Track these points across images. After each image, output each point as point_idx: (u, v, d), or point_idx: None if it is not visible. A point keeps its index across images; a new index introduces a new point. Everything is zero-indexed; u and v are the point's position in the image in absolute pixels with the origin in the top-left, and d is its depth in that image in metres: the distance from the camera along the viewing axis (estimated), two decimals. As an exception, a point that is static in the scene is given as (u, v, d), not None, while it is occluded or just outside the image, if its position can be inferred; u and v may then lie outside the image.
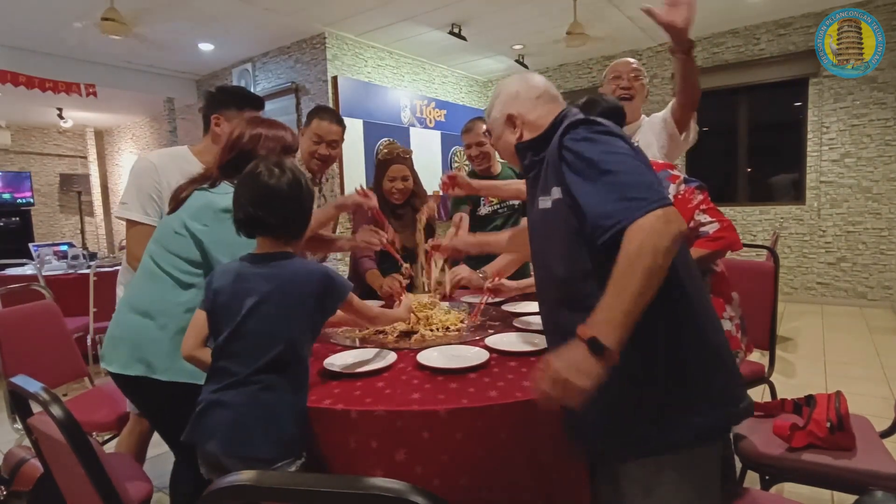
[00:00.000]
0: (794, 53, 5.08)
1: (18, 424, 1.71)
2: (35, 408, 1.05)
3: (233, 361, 1.06)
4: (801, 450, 1.39)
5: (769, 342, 2.08)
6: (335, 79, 5.10)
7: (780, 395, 1.76)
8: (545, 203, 1.03)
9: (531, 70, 6.54)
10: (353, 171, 5.20)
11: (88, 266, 3.62)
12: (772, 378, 2.08)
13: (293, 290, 1.09)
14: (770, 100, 5.48)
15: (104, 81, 5.62)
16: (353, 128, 5.10)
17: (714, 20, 5.17)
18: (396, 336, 1.58)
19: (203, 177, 1.34)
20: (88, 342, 3.37)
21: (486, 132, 2.19)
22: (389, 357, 1.34)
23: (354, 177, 5.17)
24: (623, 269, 0.82)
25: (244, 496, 0.59)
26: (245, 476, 0.59)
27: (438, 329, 1.61)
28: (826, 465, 1.35)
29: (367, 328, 1.62)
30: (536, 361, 1.29)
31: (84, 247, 7.07)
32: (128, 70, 5.81)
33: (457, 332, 1.59)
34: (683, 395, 0.92)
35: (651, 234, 0.82)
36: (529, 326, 1.56)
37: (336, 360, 1.32)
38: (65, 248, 4.43)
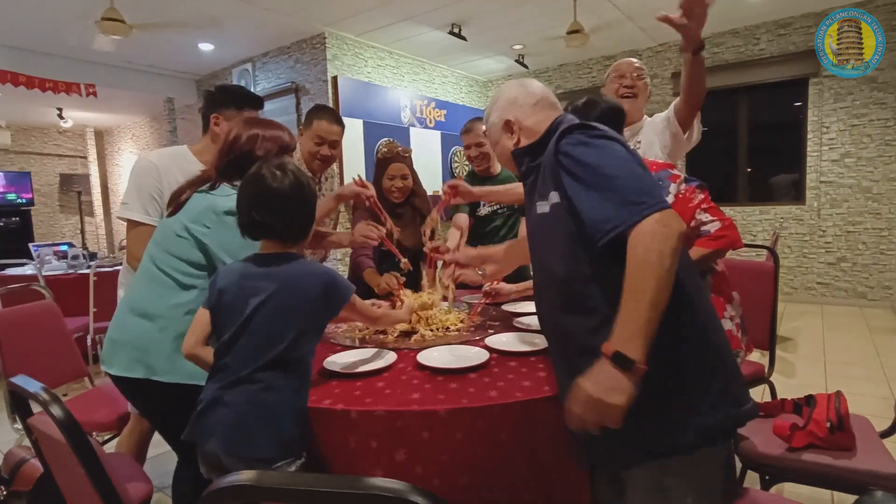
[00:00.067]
0: (794, 53, 5.08)
1: (18, 424, 1.71)
2: (35, 408, 1.05)
3: (235, 359, 1.07)
4: (801, 450, 1.39)
5: (769, 342, 2.08)
6: (335, 79, 5.10)
7: (780, 395, 1.76)
8: (543, 208, 1.03)
9: (531, 70, 6.55)
10: (353, 171, 5.19)
11: (88, 266, 3.62)
12: (772, 378, 2.08)
13: (297, 292, 1.10)
14: (770, 100, 5.48)
15: (104, 81, 5.62)
16: (353, 128, 5.10)
17: (714, 20, 5.15)
18: (396, 336, 1.58)
19: (202, 179, 1.34)
20: (88, 342, 3.37)
21: (486, 133, 2.18)
22: (389, 357, 1.34)
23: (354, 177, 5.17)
24: (635, 278, 0.82)
25: (244, 496, 0.59)
26: (245, 476, 0.59)
27: (438, 329, 1.61)
28: (826, 465, 1.35)
29: (368, 328, 1.63)
30: (536, 361, 1.29)
31: (84, 247, 7.08)
32: (128, 70, 5.81)
33: (457, 332, 1.59)
34: (683, 396, 0.91)
35: (654, 239, 0.82)
36: (529, 327, 1.55)
37: (336, 360, 1.33)
38: (65, 248, 4.43)
